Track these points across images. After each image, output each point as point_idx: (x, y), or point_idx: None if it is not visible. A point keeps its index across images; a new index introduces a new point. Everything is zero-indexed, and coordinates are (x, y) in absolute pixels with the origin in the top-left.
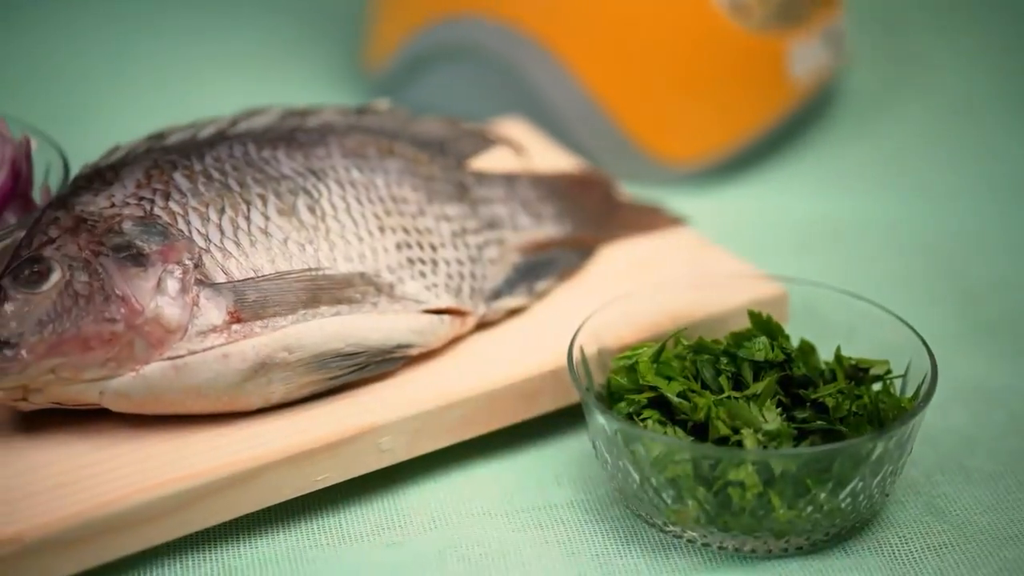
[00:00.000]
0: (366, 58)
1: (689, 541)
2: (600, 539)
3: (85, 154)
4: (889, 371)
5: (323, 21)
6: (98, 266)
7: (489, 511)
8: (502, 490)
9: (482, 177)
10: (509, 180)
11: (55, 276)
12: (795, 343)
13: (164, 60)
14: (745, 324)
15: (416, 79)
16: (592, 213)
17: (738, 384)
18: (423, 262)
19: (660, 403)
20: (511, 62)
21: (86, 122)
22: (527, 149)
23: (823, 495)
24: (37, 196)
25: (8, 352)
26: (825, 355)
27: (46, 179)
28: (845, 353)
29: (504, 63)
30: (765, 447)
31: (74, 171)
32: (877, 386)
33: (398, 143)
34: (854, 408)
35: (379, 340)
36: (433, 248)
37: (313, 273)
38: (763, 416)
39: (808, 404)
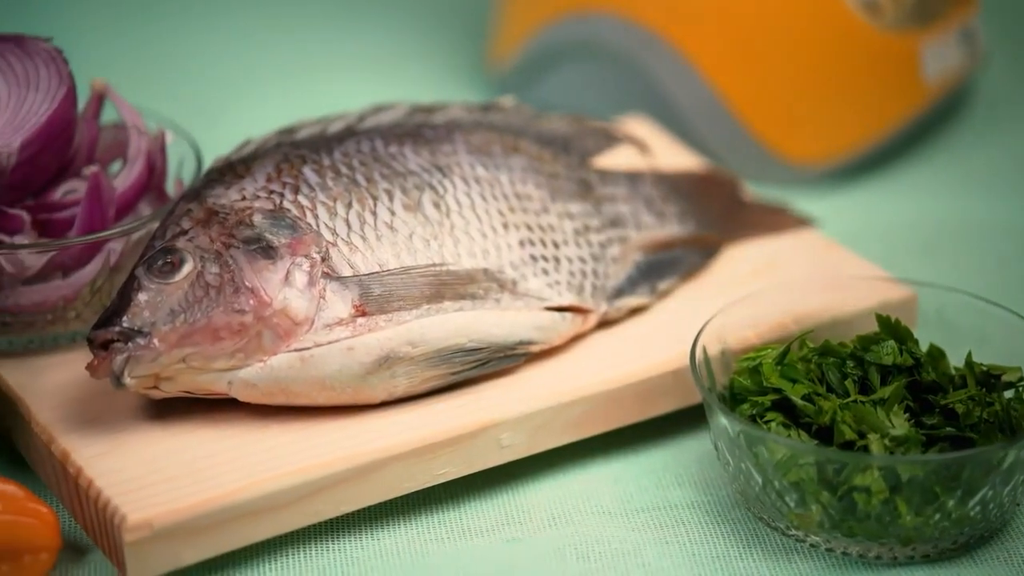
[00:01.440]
0: (491, 55)
1: (812, 546)
2: (721, 541)
3: (217, 148)
4: (1022, 378)
5: (450, 18)
6: (229, 258)
7: (609, 510)
8: (622, 490)
9: (606, 175)
10: (633, 178)
11: (187, 267)
12: (924, 348)
13: (294, 56)
14: (872, 328)
15: (541, 76)
16: (716, 213)
17: (864, 388)
18: (546, 259)
19: (784, 406)
20: (637, 59)
21: (218, 116)
22: (651, 147)
23: (951, 503)
24: (170, 188)
25: (141, 341)
26: (955, 361)
27: (179, 172)
28: (976, 359)
29: (629, 60)
30: (892, 452)
31: (206, 164)
32: (1009, 393)
33: (523, 140)
34: (985, 415)
35: (501, 336)
36: (556, 245)
37: (437, 268)
38: (890, 421)
39: (937, 410)
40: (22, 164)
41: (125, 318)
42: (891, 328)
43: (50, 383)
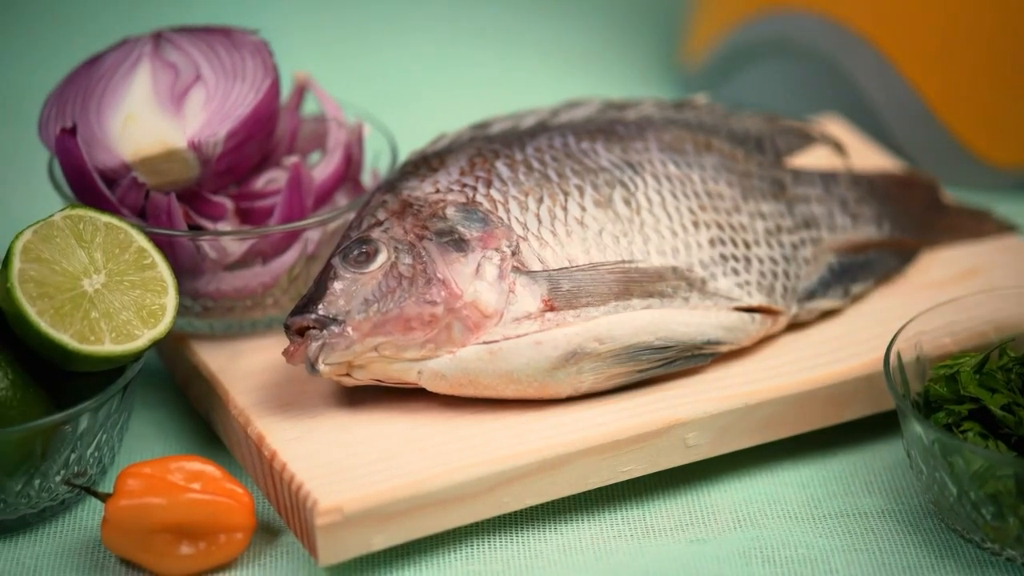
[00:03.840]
0: (684, 52)
1: (1008, 560)
2: (912, 551)
3: (412, 141)
4: None
5: (642, 14)
6: (421, 249)
7: (796, 514)
8: (809, 494)
9: (800, 175)
10: (827, 179)
11: (381, 257)
12: None
13: (487, 52)
14: None
15: (733, 74)
16: (914, 216)
17: None
18: (736, 259)
19: (981, 415)
20: (833, 58)
21: (413, 110)
22: (847, 148)
23: None
24: (366, 180)
25: (335, 328)
26: None
27: (375, 163)
28: None
29: (826, 59)
30: None
31: (402, 157)
32: None
33: (715, 138)
34: None
35: (689, 335)
36: (747, 245)
37: (626, 266)
38: None
39: None
40: (227, 153)
41: (321, 306)
42: None
43: (247, 367)
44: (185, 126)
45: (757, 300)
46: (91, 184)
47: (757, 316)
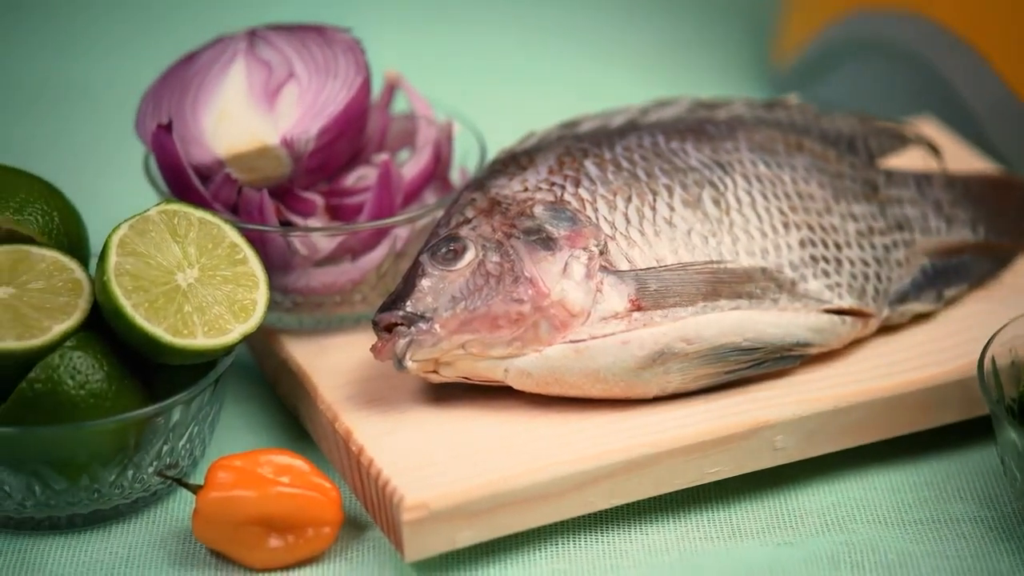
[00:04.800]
0: (776, 51)
1: None
2: (1006, 559)
3: (500, 139)
4: None
5: (732, 12)
6: (509, 248)
7: (885, 519)
8: (899, 499)
9: (893, 176)
10: (921, 180)
11: (469, 255)
12: None
13: (577, 50)
14: None
15: (826, 74)
16: (1011, 220)
17: None
18: (827, 260)
19: None
20: (928, 58)
21: (502, 108)
22: (941, 149)
23: None
24: (455, 178)
25: (423, 325)
26: None
27: (463, 161)
28: None
29: (921, 59)
30: None
31: (490, 155)
32: None
33: (807, 138)
34: None
35: (778, 337)
36: (838, 247)
37: (715, 266)
38: None
39: None
40: (318, 150)
41: (409, 303)
42: None
43: (335, 363)
44: (278, 123)
45: (848, 302)
46: (186, 180)
47: (848, 318)
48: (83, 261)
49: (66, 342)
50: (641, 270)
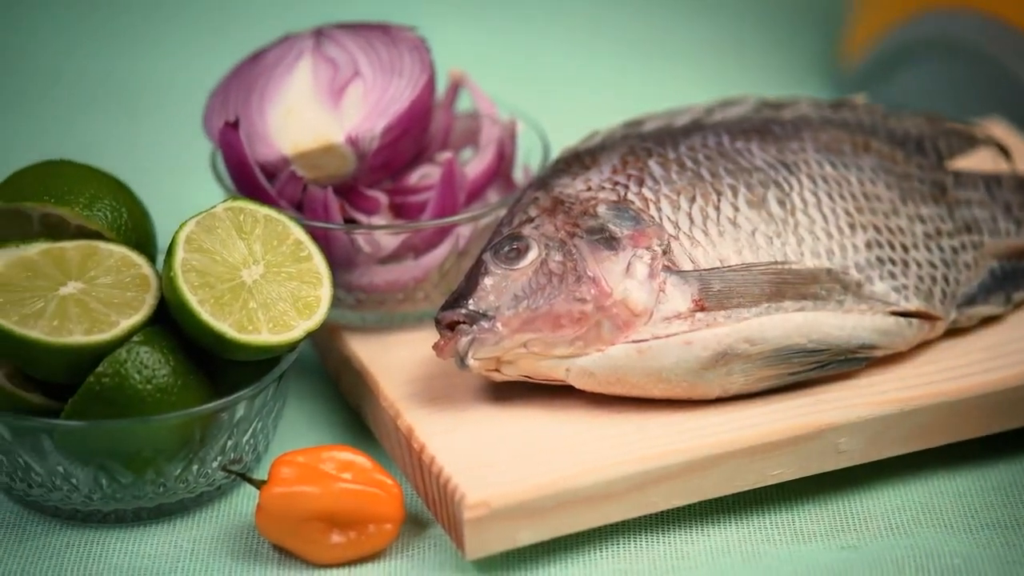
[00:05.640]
0: (843, 51)
1: None
2: None
3: (563, 138)
4: None
5: (801, 12)
6: (572, 247)
7: (951, 524)
8: (965, 504)
9: (961, 178)
10: (991, 182)
11: (532, 254)
12: None
13: (641, 48)
14: None
15: (894, 74)
16: None
17: None
18: (893, 262)
19: None
20: (997, 58)
21: (566, 107)
22: (1012, 151)
23: None
24: (518, 176)
25: (485, 324)
26: None
27: (527, 160)
28: None
29: (989, 59)
30: None
31: (553, 154)
32: None
33: (874, 139)
34: None
35: (843, 339)
36: (905, 249)
37: (780, 267)
38: None
39: None
40: (383, 148)
41: (471, 301)
42: None
43: (397, 360)
44: (343, 121)
45: (914, 305)
46: (251, 177)
47: (914, 321)
48: (150, 257)
49: (133, 337)
50: (704, 270)
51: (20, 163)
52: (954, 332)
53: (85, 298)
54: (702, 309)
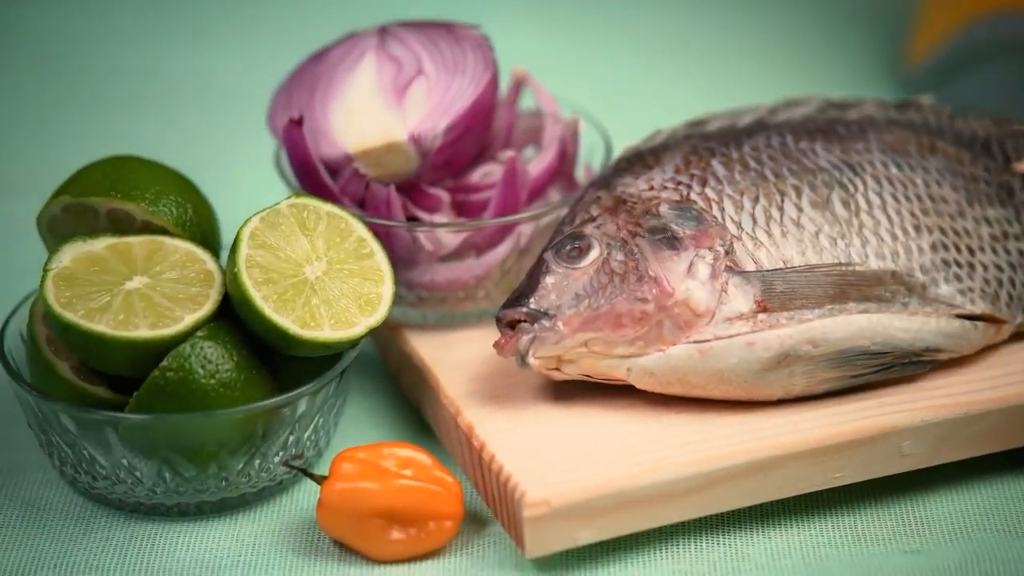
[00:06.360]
0: (909, 51)
1: None
2: None
3: (626, 137)
4: None
5: (866, 11)
6: (634, 246)
7: (1016, 529)
8: None
9: None
10: None
11: (594, 253)
12: None
13: (704, 48)
14: None
15: (960, 75)
16: None
17: None
18: (959, 265)
19: None
20: None
21: (629, 106)
22: None
23: None
24: (580, 175)
25: (546, 323)
26: None
27: (589, 159)
28: None
29: None
30: None
31: (616, 153)
32: None
33: (940, 140)
34: None
35: (907, 341)
36: (971, 251)
37: (843, 268)
38: None
39: None
40: (445, 146)
41: (532, 300)
42: None
43: (458, 358)
44: (406, 119)
45: (980, 308)
46: (315, 174)
47: (980, 324)
48: (214, 252)
49: (197, 332)
50: (767, 271)
51: (88, 159)
52: (1020, 336)
53: (150, 293)
54: (764, 310)
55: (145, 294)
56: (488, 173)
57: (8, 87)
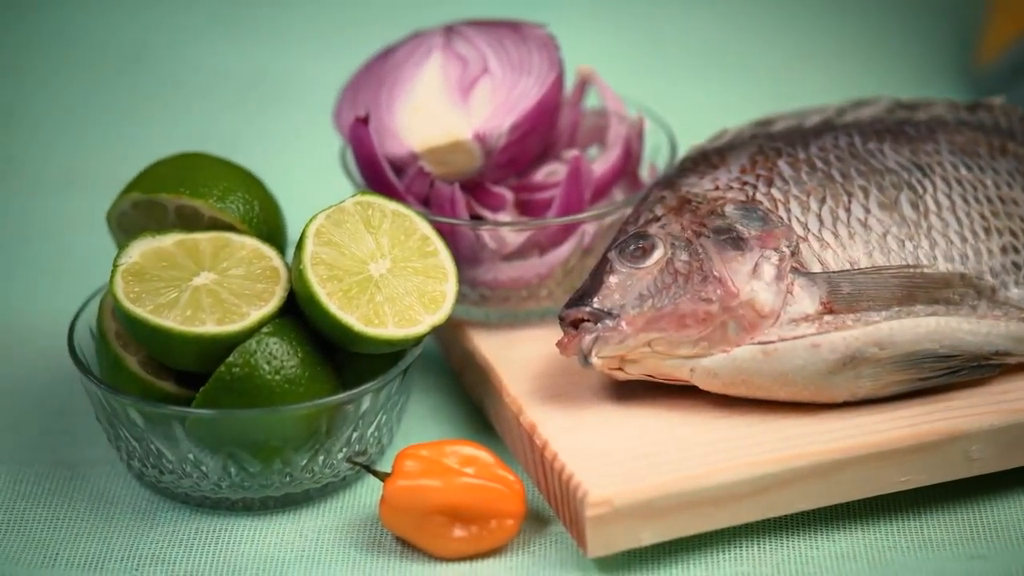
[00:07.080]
0: (979, 52)
1: None
2: None
3: (692, 136)
4: None
5: (935, 11)
6: (699, 246)
7: None
8: None
9: None
10: None
11: (658, 253)
12: None
13: (772, 47)
14: None
15: None
16: None
17: None
18: None
19: None
20: None
21: (694, 105)
22: None
23: None
24: (644, 174)
25: (610, 322)
26: None
27: (653, 158)
28: None
29: None
30: None
31: (681, 152)
32: None
33: (1011, 142)
34: None
35: (976, 345)
36: None
37: (911, 270)
38: None
39: None
40: (510, 145)
41: (596, 299)
42: None
43: (521, 357)
44: (471, 118)
45: None
46: (380, 172)
47: None
48: (280, 249)
49: (263, 328)
50: (834, 272)
51: (157, 155)
52: None
53: (217, 289)
54: (830, 311)
55: (212, 290)
56: (552, 172)
57: (81, 84)
